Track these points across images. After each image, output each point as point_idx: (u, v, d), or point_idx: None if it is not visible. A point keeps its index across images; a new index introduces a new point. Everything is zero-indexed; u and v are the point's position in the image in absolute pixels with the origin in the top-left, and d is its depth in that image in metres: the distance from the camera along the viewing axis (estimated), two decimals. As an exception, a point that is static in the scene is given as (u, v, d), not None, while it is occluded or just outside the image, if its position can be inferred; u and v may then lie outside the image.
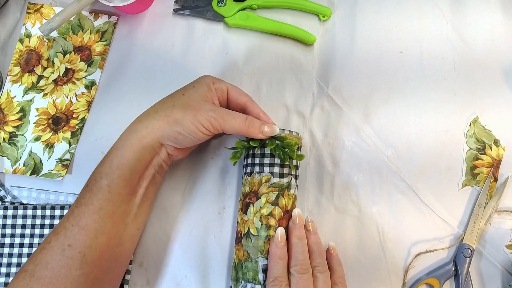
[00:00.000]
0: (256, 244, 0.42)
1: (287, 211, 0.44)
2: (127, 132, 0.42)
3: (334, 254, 0.45)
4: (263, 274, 0.42)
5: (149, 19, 0.56)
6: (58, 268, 0.37)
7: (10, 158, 0.51)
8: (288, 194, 0.44)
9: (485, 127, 0.50)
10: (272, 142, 0.44)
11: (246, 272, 0.42)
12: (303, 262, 0.41)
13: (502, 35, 0.53)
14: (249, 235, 0.43)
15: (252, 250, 0.42)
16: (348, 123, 0.51)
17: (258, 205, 0.43)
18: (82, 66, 0.55)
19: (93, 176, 0.41)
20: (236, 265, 0.43)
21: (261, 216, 0.43)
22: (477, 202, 0.47)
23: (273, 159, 0.44)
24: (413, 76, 0.52)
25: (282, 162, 0.44)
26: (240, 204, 0.46)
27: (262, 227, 0.43)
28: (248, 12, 0.55)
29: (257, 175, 0.44)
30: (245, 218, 0.44)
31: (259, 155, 0.45)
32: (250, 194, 0.44)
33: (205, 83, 0.44)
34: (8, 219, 0.48)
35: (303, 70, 0.53)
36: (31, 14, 0.57)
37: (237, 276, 0.43)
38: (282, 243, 0.42)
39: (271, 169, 0.44)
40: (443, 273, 0.46)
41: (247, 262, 0.42)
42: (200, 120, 0.41)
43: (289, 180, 0.44)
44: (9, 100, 0.54)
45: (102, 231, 0.39)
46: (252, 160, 0.45)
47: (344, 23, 0.55)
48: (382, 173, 0.49)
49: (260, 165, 0.44)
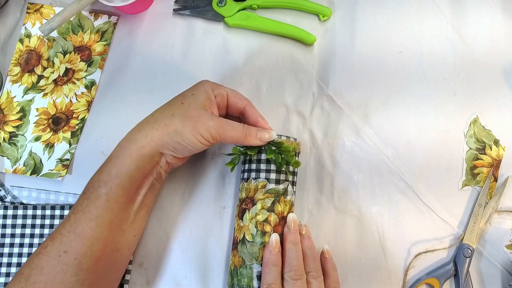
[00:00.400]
0: (251, 251, 0.42)
1: (283, 217, 0.44)
2: (125, 141, 0.42)
3: (328, 258, 0.44)
4: (257, 281, 0.41)
5: (149, 19, 0.56)
6: (53, 273, 0.37)
7: (10, 158, 0.51)
8: (285, 200, 0.44)
9: (485, 127, 0.50)
10: (270, 149, 0.44)
11: (241, 279, 0.42)
12: (298, 268, 0.41)
13: (502, 35, 0.53)
14: (245, 241, 0.43)
15: (247, 256, 0.42)
16: (348, 123, 0.51)
17: (254, 211, 0.43)
18: (82, 66, 0.55)
19: (91, 184, 0.41)
20: (232, 271, 0.43)
21: (257, 222, 0.43)
22: (477, 202, 0.47)
23: (269, 165, 0.44)
24: (413, 76, 0.52)
25: (278, 168, 0.44)
26: (237, 210, 0.46)
27: (258, 233, 0.42)
28: (248, 12, 0.55)
29: (253, 181, 0.44)
30: (241, 224, 0.44)
31: (256, 161, 0.44)
32: (246, 200, 0.44)
33: (204, 90, 0.43)
34: (8, 219, 0.48)
35: (303, 70, 0.53)
36: (31, 14, 0.57)
37: (232, 283, 0.43)
38: (277, 249, 0.41)
39: (267, 175, 0.44)
40: (443, 273, 0.46)
41: (242, 269, 0.42)
42: (200, 130, 0.40)
43: (286, 186, 0.44)
44: (9, 100, 0.54)
45: (99, 239, 0.39)
46: (249, 166, 0.45)
47: (344, 23, 0.55)
48: (382, 173, 0.49)
49: (257, 171, 0.44)
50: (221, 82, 0.53)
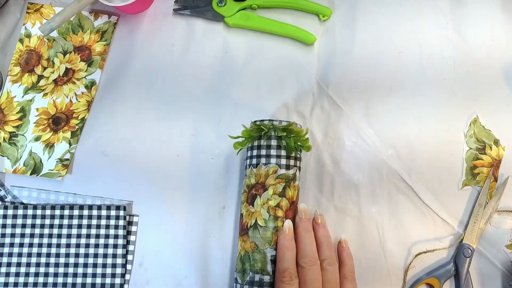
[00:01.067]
0: (264, 235, 0.42)
1: (293, 202, 0.44)
2: None
3: (345, 247, 0.45)
4: (271, 264, 0.42)
5: (149, 19, 0.56)
6: None
7: (10, 158, 0.51)
8: (294, 185, 0.44)
9: (485, 127, 0.50)
10: (279, 132, 0.44)
11: (254, 264, 0.42)
12: (312, 254, 0.41)
13: (502, 35, 0.53)
14: (257, 226, 0.43)
15: (260, 241, 0.42)
16: (348, 123, 0.51)
17: (266, 197, 0.43)
18: (82, 66, 0.55)
19: None
20: (242, 257, 0.43)
21: (269, 208, 0.43)
22: (477, 202, 0.47)
23: (279, 151, 0.44)
24: (413, 76, 0.52)
25: (288, 153, 0.44)
26: (244, 196, 0.46)
27: (270, 218, 0.43)
28: (248, 12, 0.55)
29: (263, 167, 0.44)
30: (251, 210, 0.44)
31: (265, 146, 0.45)
32: (257, 185, 0.44)
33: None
34: (8, 219, 0.48)
35: (303, 70, 0.53)
36: (31, 14, 0.57)
37: (243, 268, 0.43)
38: (291, 235, 0.42)
39: (277, 161, 0.44)
40: (443, 273, 0.46)
41: (255, 253, 0.42)
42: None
43: (294, 172, 0.45)
44: (9, 100, 0.54)
45: None
46: (258, 152, 0.45)
47: (344, 23, 0.55)
48: (382, 173, 0.49)
49: (267, 157, 0.44)
50: (221, 82, 0.53)
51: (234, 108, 0.52)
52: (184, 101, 0.53)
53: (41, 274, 0.47)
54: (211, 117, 0.52)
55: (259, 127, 0.45)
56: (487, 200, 0.47)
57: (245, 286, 0.42)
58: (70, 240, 0.48)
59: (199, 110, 0.52)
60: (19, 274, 0.47)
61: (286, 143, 0.44)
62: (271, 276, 0.41)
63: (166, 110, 0.52)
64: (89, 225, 0.48)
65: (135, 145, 0.51)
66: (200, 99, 0.53)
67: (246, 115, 0.51)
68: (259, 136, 0.45)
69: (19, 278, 0.47)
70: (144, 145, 0.51)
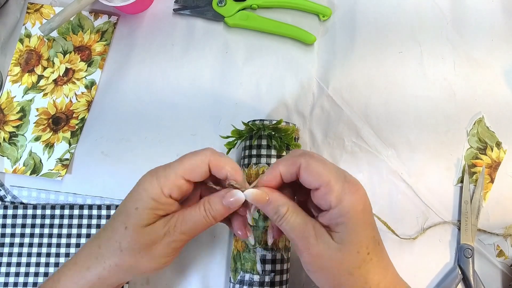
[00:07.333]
0: (254, 235, 0.42)
1: None
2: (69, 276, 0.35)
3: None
4: (261, 264, 0.42)
5: (149, 19, 0.56)
6: None
7: (10, 158, 0.51)
8: None
9: (490, 128, 0.50)
10: (267, 131, 0.44)
11: (245, 263, 0.42)
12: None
13: (502, 35, 0.53)
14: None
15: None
16: (348, 123, 0.51)
17: None
18: (82, 66, 0.55)
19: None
20: (235, 256, 0.44)
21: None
22: (462, 199, 0.47)
23: (269, 150, 0.44)
24: (413, 76, 0.52)
25: (278, 153, 0.44)
26: None
27: (260, 217, 0.43)
28: (248, 12, 0.55)
29: (254, 167, 0.44)
30: None
31: (256, 146, 0.45)
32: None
33: (149, 198, 0.33)
34: (8, 219, 0.48)
35: (303, 70, 0.53)
36: (31, 14, 0.57)
37: (235, 267, 0.43)
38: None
39: (267, 160, 0.44)
40: (451, 281, 0.45)
41: (245, 253, 0.43)
42: (159, 254, 0.34)
43: None
44: (9, 100, 0.54)
45: None
46: (250, 152, 0.45)
47: (344, 23, 0.55)
48: (382, 173, 0.49)
49: (257, 157, 0.45)
50: (221, 82, 0.53)
51: (234, 108, 0.52)
52: (184, 101, 0.53)
53: (41, 274, 0.47)
54: (211, 117, 0.52)
55: (249, 126, 0.45)
56: (470, 195, 0.47)
57: (237, 285, 0.42)
58: (70, 240, 0.48)
59: (199, 110, 0.52)
60: (19, 274, 0.47)
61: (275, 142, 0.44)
62: (261, 276, 0.41)
63: (166, 110, 0.52)
64: (89, 225, 0.48)
65: (135, 145, 0.51)
66: (200, 99, 0.53)
67: (246, 115, 0.51)
68: (251, 136, 0.45)
69: (19, 278, 0.47)
70: (144, 145, 0.51)
